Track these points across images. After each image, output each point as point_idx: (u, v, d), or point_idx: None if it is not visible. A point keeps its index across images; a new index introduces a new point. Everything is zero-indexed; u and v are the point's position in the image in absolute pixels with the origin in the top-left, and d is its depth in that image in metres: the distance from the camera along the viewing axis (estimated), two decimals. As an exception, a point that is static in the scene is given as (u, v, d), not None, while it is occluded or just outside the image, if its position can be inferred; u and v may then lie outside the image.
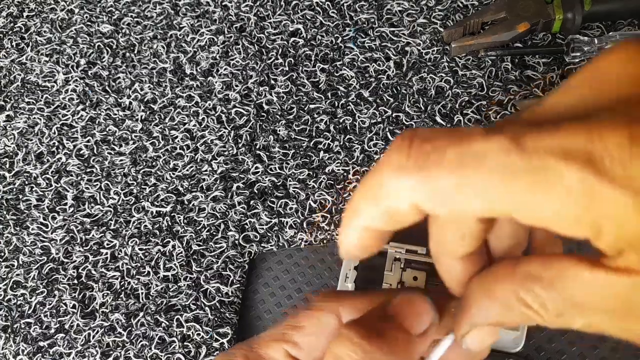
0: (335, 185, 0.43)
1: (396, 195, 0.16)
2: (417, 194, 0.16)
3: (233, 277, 0.42)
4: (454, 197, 0.15)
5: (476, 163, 0.15)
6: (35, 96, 0.51)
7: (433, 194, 0.16)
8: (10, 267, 0.45)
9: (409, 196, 0.16)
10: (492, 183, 0.15)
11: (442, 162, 0.15)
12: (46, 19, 0.53)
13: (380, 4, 0.48)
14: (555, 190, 0.14)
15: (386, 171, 0.16)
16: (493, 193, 0.15)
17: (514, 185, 0.14)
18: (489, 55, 0.44)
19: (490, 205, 0.15)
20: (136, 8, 0.52)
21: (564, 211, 0.14)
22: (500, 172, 0.15)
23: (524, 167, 0.14)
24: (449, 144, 0.15)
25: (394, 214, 0.17)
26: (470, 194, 0.15)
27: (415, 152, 0.16)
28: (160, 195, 0.45)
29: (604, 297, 0.15)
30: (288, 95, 0.47)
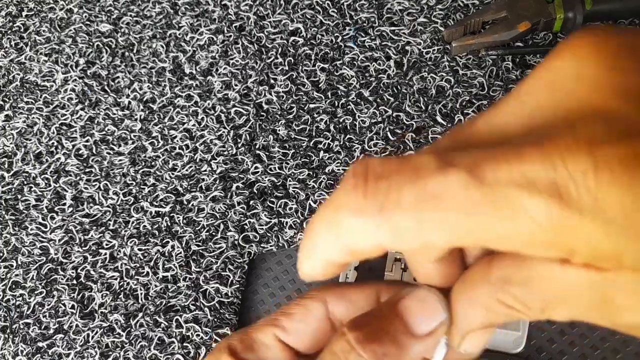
0: (335, 185, 0.43)
1: (358, 235, 0.16)
2: (380, 234, 0.16)
3: (232, 277, 0.42)
4: (417, 234, 0.15)
5: (435, 201, 0.14)
6: (34, 96, 0.50)
7: (396, 233, 0.15)
8: (9, 267, 0.45)
9: (371, 237, 0.16)
10: (454, 219, 0.14)
11: (400, 203, 0.15)
12: (45, 18, 0.53)
13: (380, 3, 0.48)
14: (521, 221, 0.14)
15: (345, 211, 0.16)
16: (456, 228, 0.15)
17: (476, 219, 0.14)
18: (490, 55, 0.44)
19: (456, 239, 0.15)
20: (135, 7, 0.52)
21: (533, 239, 0.14)
22: (461, 208, 0.14)
23: (485, 201, 0.14)
24: (404, 182, 0.15)
25: (354, 251, 0.17)
26: (433, 231, 0.15)
27: (371, 191, 0.15)
28: (159, 195, 0.45)
29: (578, 291, 0.15)
30: (288, 94, 0.46)
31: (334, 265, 0.18)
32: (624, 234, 0.13)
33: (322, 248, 0.18)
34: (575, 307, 0.16)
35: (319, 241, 0.18)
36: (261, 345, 0.23)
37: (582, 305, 0.16)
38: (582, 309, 0.16)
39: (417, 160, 0.15)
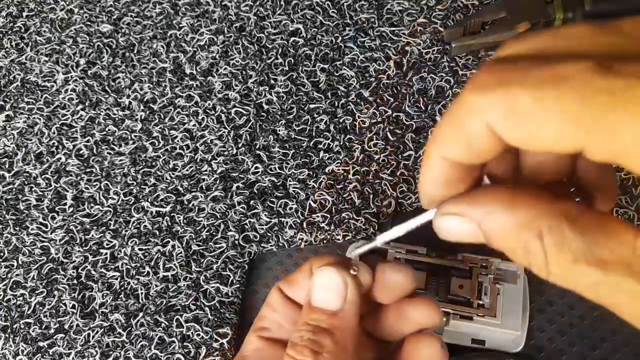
0: (335, 185, 0.43)
1: (473, 113, 0.16)
2: (494, 112, 0.16)
3: (233, 277, 0.42)
4: (529, 118, 0.15)
5: (559, 82, 0.14)
6: (35, 96, 0.51)
7: (509, 113, 0.15)
8: (10, 267, 0.45)
9: (485, 115, 0.16)
10: (571, 101, 0.14)
11: (524, 81, 0.15)
12: (46, 18, 0.53)
13: (380, 4, 0.48)
14: (635, 112, 0.13)
15: (468, 89, 0.16)
16: (569, 115, 0.14)
17: (593, 105, 0.14)
18: (490, 55, 0.44)
19: (563, 132, 0.15)
20: (136, 8, 0.52)
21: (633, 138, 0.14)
22: (581, 91, 0.14)
23: (605, 87, 0.14)
24: (534, 65, 0.15)
25: (470, 139, 0.17)
26: (545, 116, 0.15)
27: (499, 69, 0.16)
28: (159, 195, 0.45)
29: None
30: (288, 95, 0.47)
31: (452, 170, 0.18)
32: None
33: (442, 139, 0.18)
34: (619, 274, 0.15)
35: (440, 131, 0.18)
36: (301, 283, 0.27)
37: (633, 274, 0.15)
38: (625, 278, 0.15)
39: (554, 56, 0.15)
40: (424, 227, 0.23)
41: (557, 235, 0.16)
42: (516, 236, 0.17)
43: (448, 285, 0.37)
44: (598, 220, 0.16)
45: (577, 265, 0.16)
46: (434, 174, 0.19)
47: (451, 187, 0.19)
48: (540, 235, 0.16)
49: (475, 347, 0.36)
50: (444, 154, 0.18)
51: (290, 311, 0.28)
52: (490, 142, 0.16)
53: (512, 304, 0.36)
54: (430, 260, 0.38)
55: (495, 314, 0.35)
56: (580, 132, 0.14)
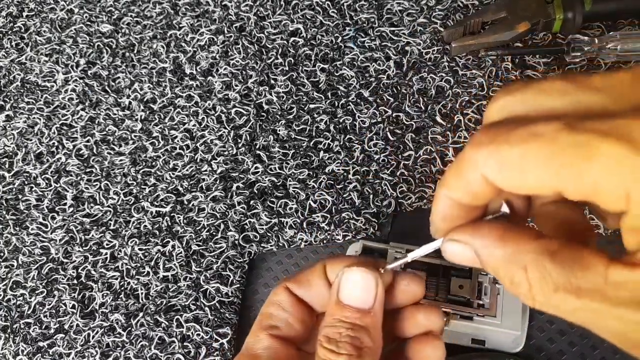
0: (335, 185, 0.43)
1: (471, 165, 0.20)
2: (487, 164, 0.19)
3: (233, 277, 0.42)
4: (513, 168, 0.18)
5: (535, 139, 0.18)
6: (35, 96, 0.51)
7: (498, 164, 0.19)
8: (10, 267, 0.45)
9: (480, 167, 0.19)
10: (544, 154, 0.17)
11: (509, 139, 0.18)
12: (46, 18, 0.53)
13: (380, 4, 0.48)
14: (594, 160, 0.16)
15: (468, 145, 0.20)
16: (544, 165, 0.18)
17: (561, 156, 0.17)
18: (490, 55, 0.44)
19: (541, 179, 0.18)
20: (136, 8, 0.52)
21: (601, 179, 0.17)
22: (552, 146, 0.17)
23: (571, 142, 0.17)
24: (517, 125, 0.18)
25: (469, 186, 0.20)
26: (526, 166, 0.18)
27: (491, 131, 0.19)
28: (160, 195, 0.45)
29: (615, 287, 0.17)
30: (288, 95, 0.47)
31: (456, 208, 0.22)
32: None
33: (447, 184, 0.21)
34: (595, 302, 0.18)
35: (446, 178, 0.22)
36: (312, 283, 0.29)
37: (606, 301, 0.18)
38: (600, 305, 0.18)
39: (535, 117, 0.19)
40: (424, 229, 0.26)
41: (540, 269, 0.19)
42: (505, 268, 0.20)
43: (448, 285, 0.37)
44: (574, 253, 0.19)
45: (557, 293, 0.18)
46: (442, 210, 0.23)
47: (456, 221, 0.23)
48: (525, 268, 0.19)
49: (475, 347, 0.36)
50: (449, 196, 0.22)
51: (299, 311, 0.29)
52: (486, 188, 0.20)
53: (512, 304, 0.36)
54: (430, 260, 0.38)
55: (495, 314, 0.35)
56: (554, 178, 0.18)
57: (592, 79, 0.19)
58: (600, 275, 0.18)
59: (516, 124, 0.19)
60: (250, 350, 0.28)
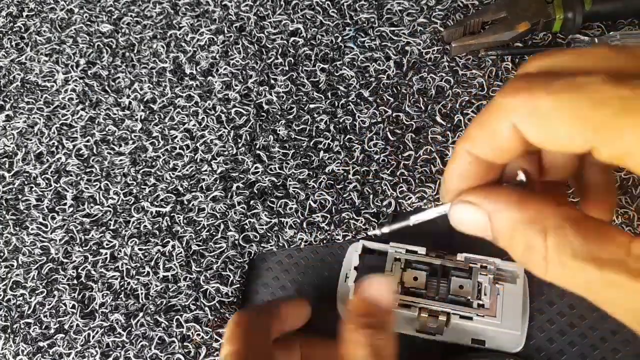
0: (335, 185, 0.43)
1: (502, 113, 0.18)
2: (519, 113, 0.18)
3: (233, 277, 0.42)
4: (548, 118, 0.17)
5: (574, 89, 0.17)
6: (35, 96, 0.50)
7: (532, 113, 0.18)
8: (10, 267, 0.45)
9: (511, 115, 0.18)
10: (583, 106, 0.16)
11: (546, 87, 0.17)
12: (46, 18, 0.53)
13: (380, 4, 0.48)
14: (637, 117, 0.15)
15: (499, 93, 0.18)
16: (581, 117, 0.16)
17: (601, 108, 0.16)
18: (490, 55, 0.44)
19: (575, 132, 0.17)
20: (136, 8, 0.52)
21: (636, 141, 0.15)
22: (593, 97, 0.16)
23: (614, 94, 0.16)
24: (556, 76, 0.17)
25: (496, 137, 0.19)
26: (561, 117, 0.17)
27: (526, 79, 0.18)
28: (159, 195, 0.45)
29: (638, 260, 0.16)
30: (288, 95, 0.47)
31: (475, 165, 0.20)
32: None
33: (471, 136, 0.20)
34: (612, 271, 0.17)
35: (470, 130, 0.20)
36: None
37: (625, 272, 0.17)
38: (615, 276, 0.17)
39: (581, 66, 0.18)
40: (424, 229, 0.26)
41: (560, 236, 0.18)
42: (522, 232, 0.19)
43: (448, 285, 0.37)
44: (598, 226, 0.18)
45: (576, 261, 0.17)
46: (459, 168, 0.21)
47: (472, 182, 0.21)
48: (544, 233, 0.18)
49: (476, 347, 0.36)
50: (471, 150, 0.20)
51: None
52: (514, 141, 0.19)
53: (512, 304, 0.36)
54: (430, 260, 0.38)
55: (495, 314, 0.35)
56: (589, 133, 0.16)
57: (635, 48, 0.18)
58: (624, 247, 0.17)
59: (554, 74, 0.18)
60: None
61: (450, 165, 0.21)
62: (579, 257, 0.17)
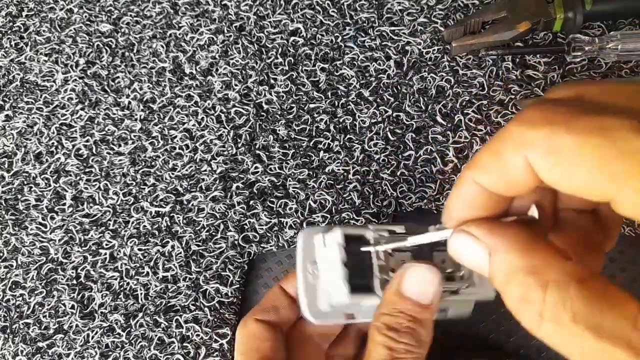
0: (335, 185, 0.43)
1: (516, 146, 0.17)
2: (535, 148, 0.16)
3: (232, 277, 0.42)
4: (567, 160, 0.15)
5: (602, 132, 0.15)
6: (34, 96, 0.50)
7: (550, 151, 0.16)
8: (9, 267, 0.45)
9: (526, 149, 0.16)
10: (609, 154, 0.15)
11: (570, 124, 0.15)
12: (45, 18, 0.53)
13: (380, 3, 0.48)
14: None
15: (514, 122, 0.17)
16: (605, 166, 0.15)
17: (628, 161, 0.14)
18: (490, 55, 0.44)
19: (596, 181, 0.15)
20: (135, 7, 0.52)
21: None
22: (621, 146, 0.15)
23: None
24: (582, 112, 0.16)
25: (507, 170, 0.17)
26: (583, 161, 0.15)
27: (548, 109, 0.16)
28: (159, 195, 0.45)
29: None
30: (288, 94, 0.46)
31: (481, 195, 0.19)
32: None
33: (480, 165, 0.18)
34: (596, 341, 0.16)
35: (480, 158, 0.18)
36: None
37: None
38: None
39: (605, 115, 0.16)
40: None
41: (562, 292, 0.16)
42: (520, 280, 0.17)
43: (431, 261, 0.34)
44: (604, 288, 0.16)
45: (575, 325, 0.16)
46: (464, 196, 0.20)
47: (477, 212, 0.20)
48: (545, 287, 0.17)
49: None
50: (478, 180, 0.19)
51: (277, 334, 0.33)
52: (526, 177, 0.17)
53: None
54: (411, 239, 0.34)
55: (474, 281, 0.33)
56: (612, 184, 0.15)
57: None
58: (631, 319, 0.15)
59: (581, 109, 0.16)
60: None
61: (454, 191, 0.20)
62: (578, 322, 0.16)
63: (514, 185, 0.18)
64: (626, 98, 0.16)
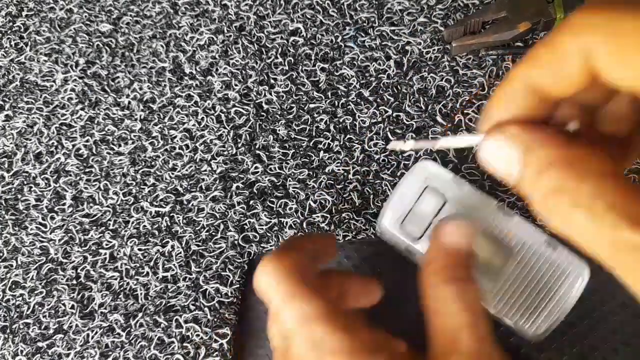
0: (335, 185, 0.43)
1: (574, 34, 0.16)
2: (595, 34, 0.15)
3: (232, 277, 0.42)
4: (629, 44, 0.15)
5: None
6: (34, 96, 0.50)
7: (610, 36, 0.15)
8: (9, 267, 0.45)
9: (585, 37, 0.16)
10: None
11: (633, 8, 0.15)
12: (45, 18, 0.53)
13: (380, 3, 0.48)
14: None
15: (576, 12, 0.16)
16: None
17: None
18: (490, 55, 0.44)
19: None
20: (135, 7, 0.52)
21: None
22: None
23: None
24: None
25: (563, 61, 0.17)
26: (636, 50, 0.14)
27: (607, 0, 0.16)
28: (159, 195, 0.45)
29: None
30: (288, 94, 0.46)
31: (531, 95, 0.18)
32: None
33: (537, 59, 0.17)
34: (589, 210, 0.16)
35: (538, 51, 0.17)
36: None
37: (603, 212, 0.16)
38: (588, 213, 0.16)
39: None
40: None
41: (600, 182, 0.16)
42: (556, 171, 0.17)
43: None
44: (636, 186, 0.16)
45: (611, 214, 0.16)
46: (510, 94, 0.19)
47: (518, 113, 0.19)
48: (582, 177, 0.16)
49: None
50: (531, 76, 0.18)
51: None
52: (581, 70, 0.16)
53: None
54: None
55: None
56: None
57: None
58: None
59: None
60: None
61: (499, 89, 0.19)
62: (615, 211, 0.15)
63: (569, 81, 0.17)
64: None
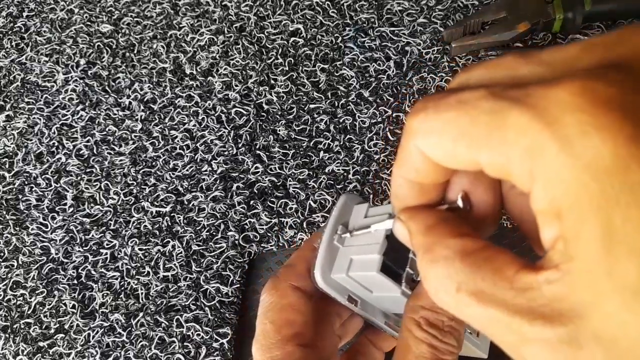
0: (335, 185, 0.43)
1: (408, 135, 0.18)
2: (419, 133, 0.18)
3: (233, 277, 0.42)
4: (440, 138, 0.17)
5: (457, 107, 0.17)
6: (35, 96, 0.51)
7: (427, 133, 0.18)
8: (10, 267, 0.45)
9: (414, 137, 0.18)
10: (465, 122, 0.16)
11: (437, 105, 0.17)
12: (46, 18, 0.53)
13: (380, 4, 0.48)
14: (504, 129, 0.15)
15: (408, 115, 0.19)
16: (464, 134, 0.16)
17: (478, 124, 0.16)
18: (490, 55, 0.44)
19: (461, 149, 0.17)
20: (136, 8, 0.52)
21: (509, 152, 0.15)
22: (471, 112, 0.16)
23: (487, 109, 0.16)
24: (450, 93, 0.17)
25: (411, 159, 0.19)
26: (449, 136, 0.17)
27: (426, 99, 0.18)
28: (160, 195, 0.45)
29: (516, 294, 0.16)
30: (288, 95, 0.47)
31: (410, 185, 0.21)
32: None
33: (397, 160, 0.20)
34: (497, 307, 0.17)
35: (397, 156, 0.20)
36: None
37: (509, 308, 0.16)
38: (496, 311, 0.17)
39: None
40: None
41: (448, 266, 0.18)
42: (421, 258, 0.19)
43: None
44: (491, 256, 0.17)
45: (459, 294, 0.17)
46: (395, 189, 0.21)
47: (410, 201, 0.21)
48: (436, 262, 0.18)
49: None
50: (400, 174, 0.20)
51: (310, 307, 0.29)
52: (426, 162, 0.19)
53: None
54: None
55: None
56: (472, 149, 0.16)
57: (541, 53, 0.17)
58: (507, 280, 0.16)
59: (450, 91, 0.18)
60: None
61: (391, 185, 0.22)
62: (462, 290, 0.17)
63: (422, 173, 0.19)
64: (499, 72, 0.18)
